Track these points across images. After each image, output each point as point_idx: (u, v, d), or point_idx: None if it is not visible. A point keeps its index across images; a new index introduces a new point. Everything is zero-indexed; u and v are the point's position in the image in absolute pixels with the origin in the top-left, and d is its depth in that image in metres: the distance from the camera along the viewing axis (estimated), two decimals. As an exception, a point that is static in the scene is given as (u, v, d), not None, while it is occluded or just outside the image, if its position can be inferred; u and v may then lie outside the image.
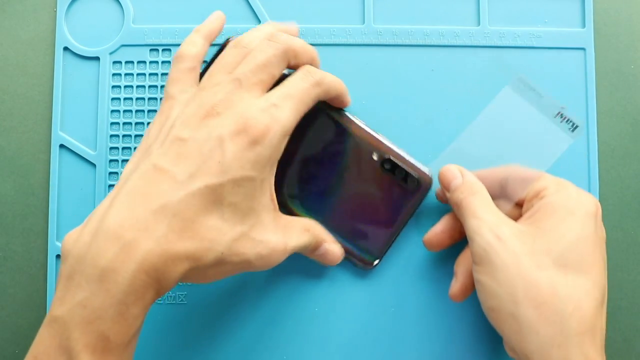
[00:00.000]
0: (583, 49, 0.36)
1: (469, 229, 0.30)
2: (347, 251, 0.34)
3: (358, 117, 0.34)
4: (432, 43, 0.36)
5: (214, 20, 0.33)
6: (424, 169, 0.33)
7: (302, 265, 0.34)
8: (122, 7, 0.37)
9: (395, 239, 0.34)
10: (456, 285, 0.32)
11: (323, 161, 0.33)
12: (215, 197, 0.26)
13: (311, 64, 0.31)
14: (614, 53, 0.37)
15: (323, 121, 0.33)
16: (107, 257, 0.25)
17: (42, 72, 0.37)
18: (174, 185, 0.26)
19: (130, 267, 0.25)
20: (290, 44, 0.30)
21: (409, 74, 0.36)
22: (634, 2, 0.37)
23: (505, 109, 0.32)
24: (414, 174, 0.33)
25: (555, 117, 0.30)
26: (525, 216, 0.30)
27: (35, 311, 0.36)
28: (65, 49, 0.37)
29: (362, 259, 0.34)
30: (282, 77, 0.30)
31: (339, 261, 0.33)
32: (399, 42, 0.36)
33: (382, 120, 0.35)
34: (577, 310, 0.27)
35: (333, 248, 0.33)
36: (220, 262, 0.27)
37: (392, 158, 0.33)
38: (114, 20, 0.37)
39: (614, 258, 0.36)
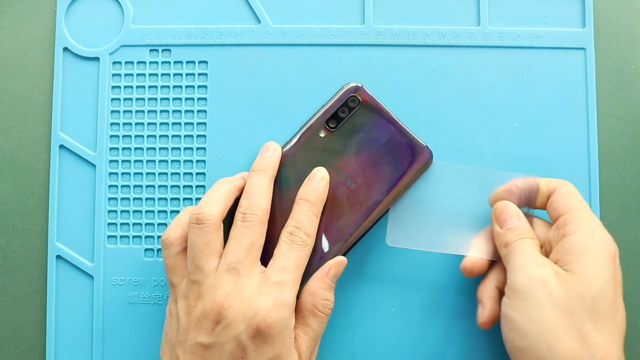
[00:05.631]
0: (583, 49, 0.36)
1: (513, 263, 0.30)
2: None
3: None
4: (432, 43, 0.36)
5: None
6: (347, 86, 0.34)
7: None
8: (122, 7, 0.37)
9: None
10: (485, 313, 0.32)
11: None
12: None
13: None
14: (614, 53, 0.37)
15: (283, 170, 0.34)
16: None
17: (42, 72, 0.37)
18: None
19: None
20: (263, 210, 0.31)
21: (409, 74, 0.36)
22: (634, 2, 0.37)
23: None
24: (348, 99, 0.34)
25: None
26: (554, 254, 0.30)
27: (35, 311, 0.36)
28: (65, 49, 0.37)
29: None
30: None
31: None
32: (399, 42, 0.36)
33: (382, 120, 0.35)
34: (605, 358, 0.27)
35: (337, 268, 0.33)
36: None
37: (328, 118, 0.33)
38: (114, 21, 0.37)
39: (614, 258, 0.36)
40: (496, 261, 0.33)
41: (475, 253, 0.33)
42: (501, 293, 0.31)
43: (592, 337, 0.27)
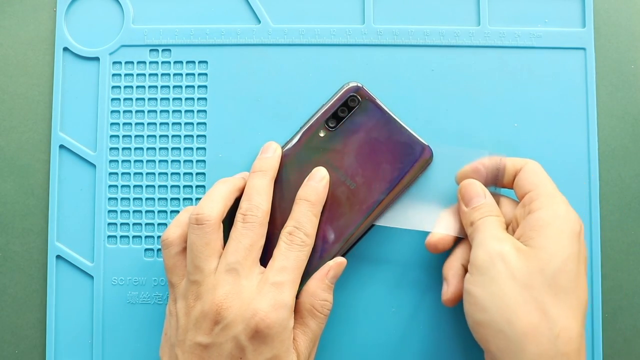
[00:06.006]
0: (583, 49, 0.36)
1: (475, 240, 0.30)
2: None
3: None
4: (432, 43, 0.36)
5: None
6: (348, 86, 0.34)
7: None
8: (122, 7, 0.37)
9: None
10: (449, 290, 0.32)
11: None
12: None
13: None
14: (614, 53, 0.37)
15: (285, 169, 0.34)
16: None
17: (42, 72, 0.37)
18: None
19: None
20: (263, 211, 0.31)
21: (409, 74, 0.36)
22: (634, 2, 0.37)
23: None
24: (348, 98, 0.34)
25: None
26: (519, 231, 0.30)
27: (35, 311, 0.36)
28: (65, 49, 0.37)
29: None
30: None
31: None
32: (399, 42, 0.36)
33: (382, 120, 0.35)
34: (564, 331, 0.27)
35: (337, 269, 0.32)
36: None
37: (328, 118, 0.34)
38: (114, 21, 0.37)
39: (614, 258, 0.36)
40: (462, 239, 0.33)
41: (441, 229, 0.33)
42: (466, 271, 0.31)
43: (551, 311, 0.27)
